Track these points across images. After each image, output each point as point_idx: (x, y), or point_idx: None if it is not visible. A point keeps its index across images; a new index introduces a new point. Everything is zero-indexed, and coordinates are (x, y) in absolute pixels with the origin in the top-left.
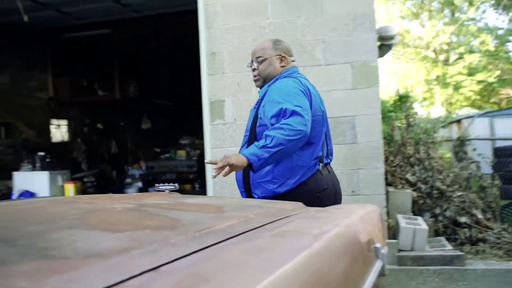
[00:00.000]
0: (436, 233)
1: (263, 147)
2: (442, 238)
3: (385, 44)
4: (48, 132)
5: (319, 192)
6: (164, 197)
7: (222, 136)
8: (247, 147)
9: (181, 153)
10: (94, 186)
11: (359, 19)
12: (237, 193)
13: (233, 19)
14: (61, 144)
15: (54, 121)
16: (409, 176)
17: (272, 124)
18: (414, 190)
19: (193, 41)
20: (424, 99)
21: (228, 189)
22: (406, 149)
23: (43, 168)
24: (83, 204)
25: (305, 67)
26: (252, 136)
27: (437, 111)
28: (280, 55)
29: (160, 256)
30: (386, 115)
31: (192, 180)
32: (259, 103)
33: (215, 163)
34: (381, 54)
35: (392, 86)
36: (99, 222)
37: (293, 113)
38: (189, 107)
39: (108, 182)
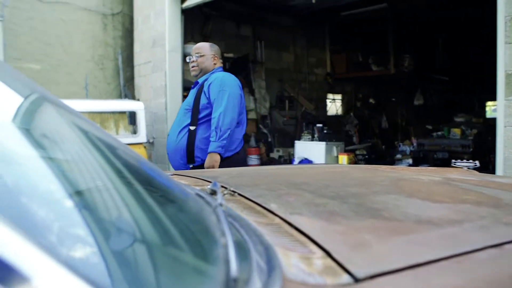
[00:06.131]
0: None
1: (219, 138)
2: None
3: None
4: (324, 105)
5: (244, 162)
6: (466, 174)
7: None
8: (192, 120)
9: (455, 132)
10: (365, 159)
11: None
12: None
13: None
14: (335, 117)
15: (330, 96)
16: None
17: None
18: None
19: (476, 8)
20: None
21: None
22: None
23: (320, 139)
24: (387, 172)
25: None
26: (196, 110)
27: None
28: (214, 55)
29: (496, 233)
30: None
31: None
32: (199, 87)
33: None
34: None
35: None
36: (414, 191)
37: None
38: (467, 83)
39: (378, 156)
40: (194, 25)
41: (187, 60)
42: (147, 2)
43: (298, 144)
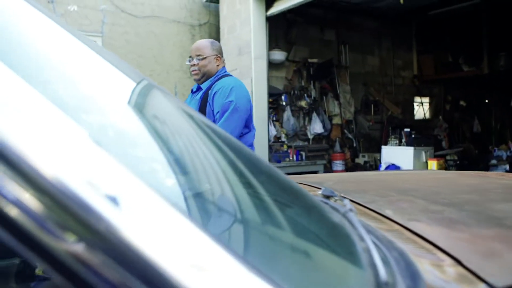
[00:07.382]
0: None
1: None
2: None
3: None
4: (411, 109)
5: None
6: None
7: None
8: None
9: None
10: (456, 165)
11: None
12: None
13: None
14: (423, 121)
15: (417, 99)
16: None
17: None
18: None
19: None
20: None
21: None
22: None
23: (408, 144)
24: (497, 179)
25: None
26: None
27: None
28: (217, 55)
29: None
30: None
31: None
32: (203, 95)
33: None
34: None
35: None
36: None
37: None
38: None
39: (471, 162)
40: (278, 32)
41: (187, 63)
42: (232, 11)
43: (385, 149)
